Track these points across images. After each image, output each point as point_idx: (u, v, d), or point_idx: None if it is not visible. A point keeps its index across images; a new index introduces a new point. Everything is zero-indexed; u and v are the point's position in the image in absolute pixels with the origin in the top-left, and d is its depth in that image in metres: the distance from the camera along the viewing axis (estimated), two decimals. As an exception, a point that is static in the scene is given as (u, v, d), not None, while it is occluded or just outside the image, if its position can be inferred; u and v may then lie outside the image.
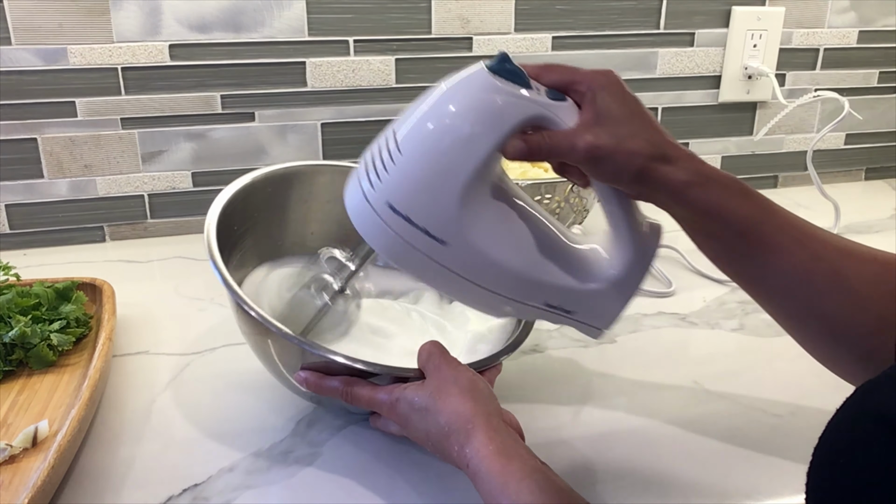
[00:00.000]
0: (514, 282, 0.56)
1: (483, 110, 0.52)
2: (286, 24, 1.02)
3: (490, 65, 0.52)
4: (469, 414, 0.53)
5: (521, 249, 0.56)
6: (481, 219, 0.54)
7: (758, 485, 0.59)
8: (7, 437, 0.62)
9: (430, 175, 0.52)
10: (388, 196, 0.52)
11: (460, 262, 0.54)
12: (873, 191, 1.33)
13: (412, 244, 0.53)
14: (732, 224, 0.52)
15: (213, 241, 0.64)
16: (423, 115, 0.53)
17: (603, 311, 0.59)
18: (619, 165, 0.52)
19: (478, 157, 0.52)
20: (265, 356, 0.64)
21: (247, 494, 0.58)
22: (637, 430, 0.66)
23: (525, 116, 0.52)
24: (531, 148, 0.52)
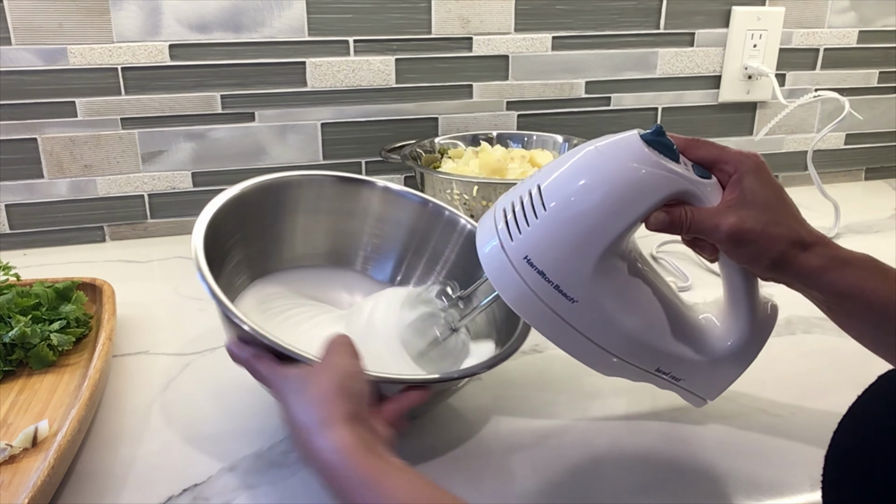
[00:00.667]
0: (632, 345, 0.57)
1: (633, 181, 0.53)
2: (286, 24, 1.02)
3: (645, 136, 0.54)
4: (333, 402, 0.49)
5: (643, 315, 0.57)
6: (611, 282, 0.55)
7: (758, 485, 0.59)
8: (7, 437, 0.62)
9: (572, 236, 0.53)
10: (526, 249, 0.54)
11: (585, 320, 0.55)
12: (873, 191, 1.33)
13: (541, 298, 0.54)
14: (873, 304, 0.54)
15: (200, 253, 0.64)
16: (572, 175, 0.54)
17: (711, 382, 0.60)
18: (760, 250, 0.53)
19: (622, 226, 0.53)
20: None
21: (247, 494, 0.58)
22: (637, 430, 0.66)
23: (672, 191, 0.54)
24: (673, 221, 0.54)
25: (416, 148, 1.06)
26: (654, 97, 1.20)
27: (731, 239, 0.53)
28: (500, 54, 1.11)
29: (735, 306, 0.59)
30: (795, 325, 0.84)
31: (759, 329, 0.59)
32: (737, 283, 0.58)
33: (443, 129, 1.13)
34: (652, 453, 0.63)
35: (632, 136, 0.54)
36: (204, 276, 0.60)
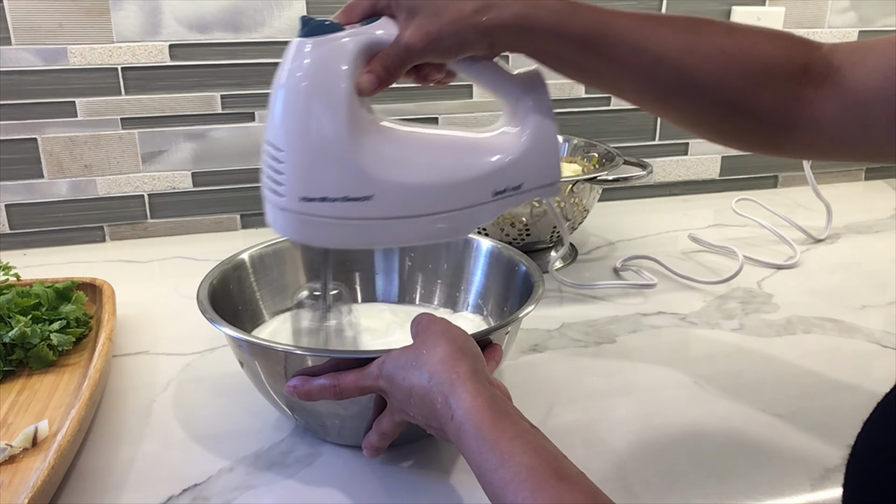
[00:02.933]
0: (452, 192, 0.56)
1: (315, 69, 0.53)
2: (286, 24, 1.02)
3: (299, 34, 0.54)
4: (455, 362, 0.51)
5: (437, 162, 0.56)
6: (384, 158, 0.54)
7: (758, 485, 0.59)
8: (7, 437, 0.62)
9: (316, 151, 0.53)
10: (296, 192, 0.53)
11: (395, 203, 0.55)
12: (873, 191, 1.33)
13: (346, 217, 0.54)
14: (573, 41, 0.54)
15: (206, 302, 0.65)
16: (278, 110, 0.54)
17: (542, 165, 0.59)
18: (455, 35, 0.53)
19: (342, 110, 0.53)
20: (259, 381, 0.63)
21: (247, 494, 0.58)
22: (637, 430, 0.66)
23: (354, 52, 0.53)
24: (377, 73, 0.54)
25: (415, 148, 1.05)
26: (654, 97, 1.20)
27: (426, 46, 0.53)
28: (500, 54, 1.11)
29: (503, 95, 0.58)
30: (795, 325, 0.84)
31: (535, 93, 0.58)
32: (485, 77, 0.57)
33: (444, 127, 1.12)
34: (651, 453, 0.63)
35: (290, 44, 0.54)
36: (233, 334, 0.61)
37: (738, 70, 0.53)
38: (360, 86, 0.53)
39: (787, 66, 0.53)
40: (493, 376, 0.55)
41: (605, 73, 0.55)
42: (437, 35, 0.53)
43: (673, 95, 0.55)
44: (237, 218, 1.10)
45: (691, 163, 1.27)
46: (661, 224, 1.15)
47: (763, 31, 0.54)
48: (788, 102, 0.53)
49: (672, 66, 0.53)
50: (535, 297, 0.65)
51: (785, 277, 0.97)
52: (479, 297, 0.76)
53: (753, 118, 0.54)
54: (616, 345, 0.80)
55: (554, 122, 0.58)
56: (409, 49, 0.53)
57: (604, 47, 0.54)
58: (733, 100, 0.53)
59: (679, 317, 0.86)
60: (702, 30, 0.54)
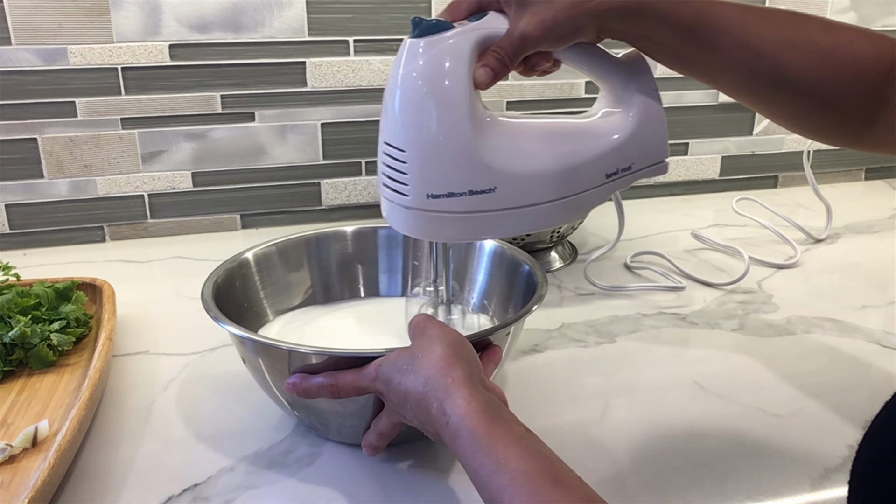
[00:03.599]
0: (569, 178, 0.58)
1: (432, 70, 0.54)
2: (286, 24, 1.02)
3: (411, 35, 0.55)
4: (450, 367, 0.51)
5: (553, 149, 0.58)
6: (504, 149, 0.56)
7: (758, 485, 0.59)
8: (7, 437, 0.62)
9: (439, 148, 0.54)
10: (421, 190, 0.55)
11: (518, 193, 0.56)
12: (873, 191, 1.33)
13: (472, 211, 0.56)
14: (677, 29, 0.55)
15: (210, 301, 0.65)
16: (395, 110, 0.55)
17: (652, 144, 0.61)
18: (568, 21, 0.54)
19: (462, 107, 0.54)
20: (262, 379, 0.63)
21: (247, 494, 0.58)
22: (637, 430, 0.66)
23: (467, 49, 0.54)
24: (492, 66, 0.55)
25: (415, 148, 1.05)
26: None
27: (542, 34, 0.54)
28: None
29: (608, 80, 0.60)
30: (795, 325, 0.84)
31: (640, 76, 0.60)
32: (588, 65, 0.59)
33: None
34: (651, 453, 0.63)
35: (403, 45, 0.55)
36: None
37: (833, 67, 0.54)
38: (476, 80, 0.55)
39: (877, 65, 0.54)
40: (489, 380, 0.55)
41: (704, 63, 0.57)
42: (552, 22, 0.54)
43: (769, 89, 0.56)
44: (237, 218, 1.10)
45: (691, 163, 1.27)
46: (661, 224, 1.15)
47: (858, 29, 0.55)
48: (874, 100, 0.54)
49: (770, 60, 0.55)
50: (537, 297, 0.65)
51: (785, 277, 0.97)
52: (484, 296, 0.77)
53: (844, 114, 0.56)
54: (616, 345, 0.80)
55: (660, 103, 0.60)
56: (525, 38, 0.54)
57: (706, 36, 0.55)
58: (826, 96, 0.55)
59: (679, 317, 0.86)
60: (801, 25, 0.55)
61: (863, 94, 0.54)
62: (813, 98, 0.55)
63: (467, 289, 0.78)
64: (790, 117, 0.59)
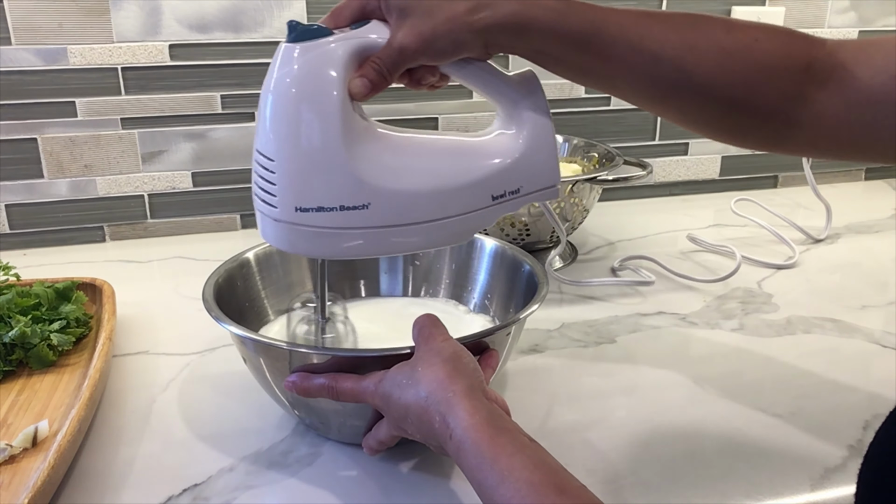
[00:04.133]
0: (451, 197, 0.55)
1: (304, 76, 0.52)
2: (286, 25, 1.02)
3: (287, 39, 0.53)
4: (450, 381, 0.51)
5: (434, 168, 0.55)
6: (380, 165, 0.53)
7: (758, 485, 0.59)
8: (7, 437, 0.62)
9: (308, 159, 0.52)
10: (290, 203, 0.52)
11: (393, 211, 0.54)
12: (873, 191, 1.33)
13: (344, 227, 0.53)
14: (568, 40, 0.53)
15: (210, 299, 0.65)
16: (267, 119, 0.53)
17: (541, 168, 0.58)
18: (448, 36, 0.52)
19: (334, 117, 0.52)
20: (263, 378, 0.63)
21: (247, 494, 0.58)
22: (637, 431, 0.66)
23: (345, 56, 0.52)
24: (370, 78, 0.53)
25: (415, 148, 1.05)
26: (654, 97, 1.20)
27: (420, 48, 0.52)
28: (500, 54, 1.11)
29: (498, 99, 0.57)
30: (795, 325, 0.84)
31: (531, 96, 0.57)
32: (480, 80, 0.57)
33: (443, 129, 1.13)
34: (651, 453, 0.63)
35: (279, 49, 0.53)
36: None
37: (738, 67, 0.52)
38: (351, 91, 0.52)
39: (789, 63, 0.52)
40: (490, 388, 0.55)
41: (602, 73, 0.55)
42: (431, 35, 0.52)
43: (672, 94, 0.54)
44: (237, 218, 1.10)
45: (691, 163, 1.27)
46: (661, 224, 1.15)
47: (763, 27, 0.53)
48: (791, 100, 0.52)
49: (671, 64, 0.52)
50: (539, 297, 0.65)
51: (785, 277, 0.97)
52: (485, 296, 0.77)
53: (755, 116, 0.53)
54: (616, 345, 0.80)
55: (551, 124, 0.57)
56: (403, 51, 0.52)
57: (601, 46, 0.53)
58: (734, 97, 0.53)
59: (679, 317, 0.86)
60: (700, 27, 0.53)
61: (777, 94, 0.52)
62: (721, 101, 0.53)
63: (469, 288, 0.78)
64: (701, 122, 0.56)
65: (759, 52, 0.52)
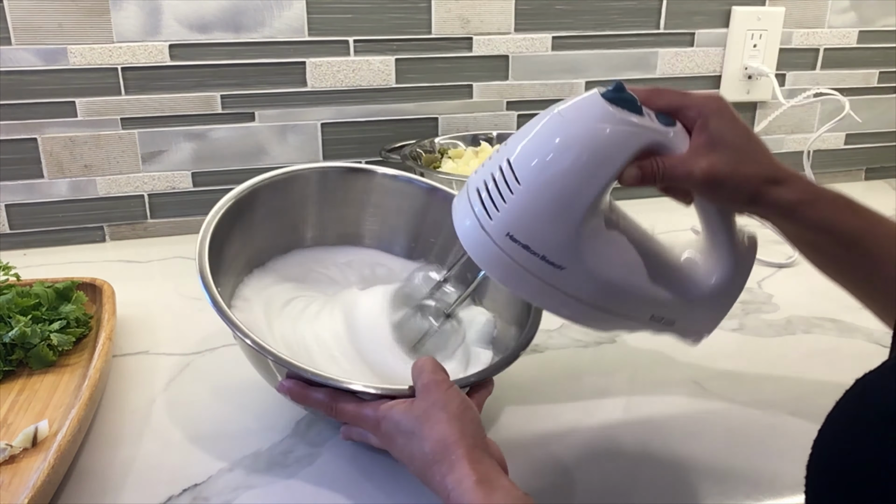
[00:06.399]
0: (624, 299, 0.57)
1: (602, 141, 0.53)
2: (286, 24, 1.02)
3: (605, 93, 0.53)
4: (454, 443, 0.52)
5: (630, 268, 0.57)
6: (596, 243, 0.55)
7: (758, 485, 0.59)
8: (7, 437, 0.62)
9: (550, 206, 0.53)
10: (507, 226, 0.53)
11: (575, 284, 0.55)
12: (873, 191, 1.33)
13: (529, 270, 0.54)
14: (840, 237, 0.55)
15: (205, 265, 0.65)
16: (539, 145, 0.53)
17: (703, 319, 0.61)
18: (734, 190, 0.54)
19: (597, 188, 0.53)
20: (260, 366, 0.63)
21: (247, 494, 0.58)
22: (637, 431, 0.66)
23: (641, 145, 0.53)
24: (645, 174, 0.54)
25: (416, 148, 1.05)
26: (654, 97, 1.20)
27: (705, 183, 0.53)
28: (500, 54, 1.11)
29: (715, 242, 0.59)
30: (795, 325, 0.84)
31: (742, 261, 0.59)
32: (714, 221, 0.58)
33: (443, 129, 1.13)
34: (652, 453, 0.63)
35: (593, 95, 0.53)
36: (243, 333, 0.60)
37: None
38: (624, 175, 0.53)
39: None
40: (489, 439, 0.56)
41: (859, 271, 0.56)
42: (722, 182, 0.53)
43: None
44: (237, 218, 1.10)
45: (691, 163, 1.27)
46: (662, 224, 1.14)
47: None
48: None
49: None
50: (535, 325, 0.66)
51: (785, 277, 0.97)
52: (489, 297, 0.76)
53: None
54: (616, 345, 0.80)
55: (739, 293, 0.59)
56: (689, 176, 0.53)
57: (869, 247, 0.54)
58: None
59: (679, 317, 0.86)
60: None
61: None
62: None
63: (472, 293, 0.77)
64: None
65: None
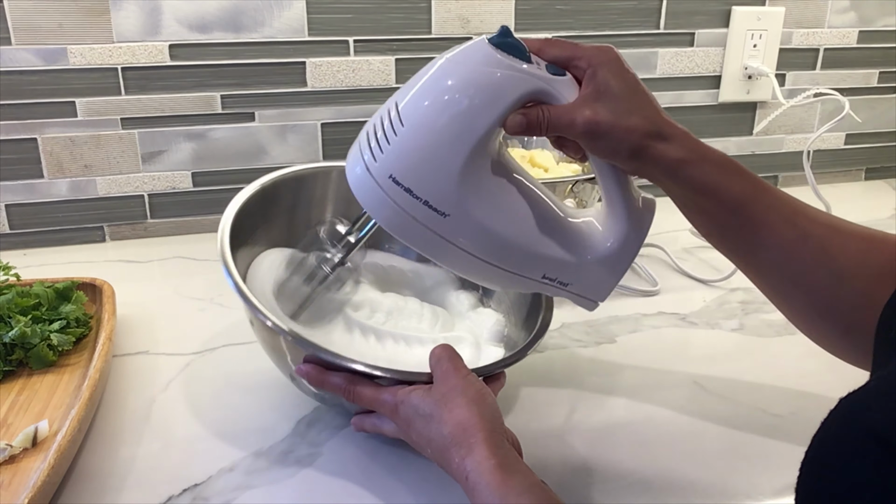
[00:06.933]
0: (513, 254, 0.56)
1: (484, 84, 0.52)
2: (286, 24, 1.02)
3: (492, 38, 0.53)
4: (473, 427, 0.52)
5: (519, 222, 0.56)
6: (481, 192, 0.54)
7: (758, 485, 0.59)
8: (7, 437, 0.62)
9: (431, 148, 0.52)
10: (390, 168, 0.53)
11: (460, 233, 0.54)
12: (873, 191, 1.33)
13: (413, 216, 0.53)
14: (725, 201, 0.54)
15: (226, 247, 0.64)
16: (424, 88, 0.53)
17: (598, 283, 0.60)
18: (616, 141, 0.53)
19: (479, 131, 0.52)
20: (274, 352, 0.63)
21: (247, 494, 0.58)
22: (637, 431, 0.66)
23: (525, 91, 0.53)
24: (530, 122, 0.53)
25: (415, 148, 1.05)
26: (654, 97, 1.20)
27: (586, 132, 0.53)
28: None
29: (611, 205, 0.58)
30: (795, 325, 0.84)
31: (637, 224, 0.58)
32: (608, 181, 0.57)
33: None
34: (652, 453, 0.63)
35: (479, 41, 0.53)
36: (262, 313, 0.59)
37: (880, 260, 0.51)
38: (507, 122, 0.53)
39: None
40: (507, 427, 0.56)
41: (747, 237, 0.55)
42: (604, 132, 0.52)
43: (810, 273, 0.53)
44: (237, 218, 1.10)
45: (691, 163, 1.27)
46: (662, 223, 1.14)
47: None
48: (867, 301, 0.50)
49: (816, 241, 0.53)
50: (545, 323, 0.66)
51: (785, 277, 0.97)
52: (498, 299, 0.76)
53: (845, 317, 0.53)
54: (616, 345, 0.80)
55: (634, 258, 0.59)
56: (572, 125, 0.53)
57: (755, 211, 0.54)
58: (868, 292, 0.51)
59: (679, 317, 0.86)
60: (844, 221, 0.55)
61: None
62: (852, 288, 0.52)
63: (482, 290, 0.77)
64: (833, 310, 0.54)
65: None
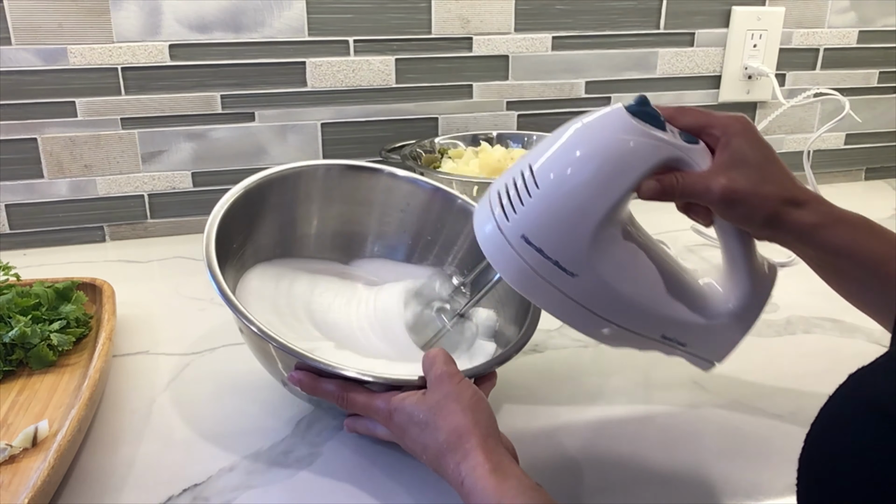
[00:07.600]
0: (636, 315, 0.57)
1: (622, 151, 0.53)
2: (286, 24, 1.02)
3: (629, 106, 0.54)
4: (468, 433, 0.53)
5: (644, 284, 0.57)
6: (610, 253, 0.55)
7: (758, 485, 0.59)
8: (7, 437, 0.62)
9: (566, 211, 0.53)
10: (523, 228, 0.54)
11: (587, 293, 0.55)
12: (873, 191, 1.33)
13: (542, 275, 0.54)
14: (863, 261, 0.54)
15: (212, 253, 0.64)
16: (561, 152, 0.54)
17: (716, 344, 0.61)
18: (752, 208, 0.53)
19: (614, 197, 0.54)
20: (265, 358, 0.63)
21: (247, 494, 0.58)
22: (637, 430, 0.66)
23: (661, 158, 0.54)
24: (665, 188, 0.54)
25: (416, 148, 1.06)
26: (654, 97, 1.19)
27: (723, 200, 0.53)
28: (500, 54, 1.11)
29: (734, 268, 0.59)
30: (795, 325, 0.84)
31: (760, 289, 0.59)
32: (733, 245, 0.58)
33: (443, 129, 1.13)
34: (652, 453, 0.63)
35: (617, 108, 0.54)
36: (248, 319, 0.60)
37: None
38: (642, 187, 0.54)
39: None
40: (501, 432, 0.56)
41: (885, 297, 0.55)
42: (739, 201, 0.53)
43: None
44: (237, 218, 1.10)
45: (691, 163, 1.27)
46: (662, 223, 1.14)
47: None
48: None
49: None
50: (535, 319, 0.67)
51: (785, 277, 0.96)
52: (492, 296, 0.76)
53: None
54: (616, 345, 0.80)
55: (755, 321, 0.59)
56: (707, 193, 0.53)
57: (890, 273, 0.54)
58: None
59: (679, 317, 0.86)
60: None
61: None
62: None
63: (450, 258, 0.78)
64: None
65: None
